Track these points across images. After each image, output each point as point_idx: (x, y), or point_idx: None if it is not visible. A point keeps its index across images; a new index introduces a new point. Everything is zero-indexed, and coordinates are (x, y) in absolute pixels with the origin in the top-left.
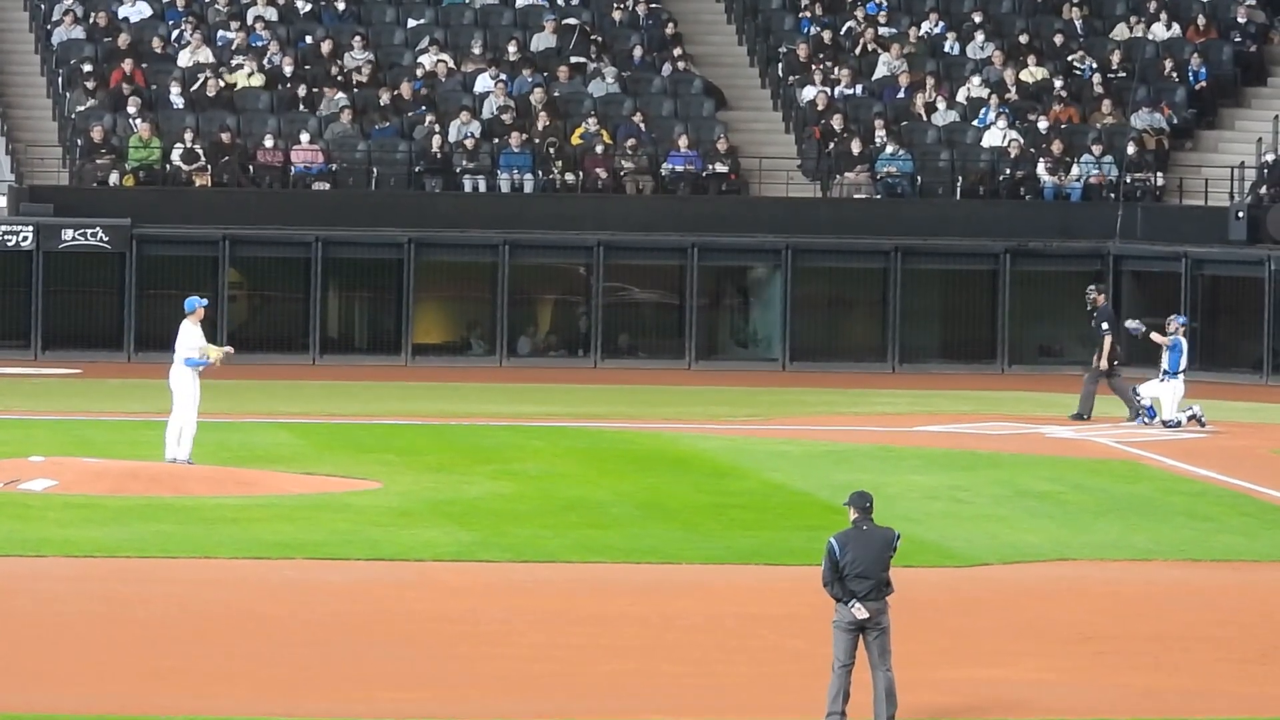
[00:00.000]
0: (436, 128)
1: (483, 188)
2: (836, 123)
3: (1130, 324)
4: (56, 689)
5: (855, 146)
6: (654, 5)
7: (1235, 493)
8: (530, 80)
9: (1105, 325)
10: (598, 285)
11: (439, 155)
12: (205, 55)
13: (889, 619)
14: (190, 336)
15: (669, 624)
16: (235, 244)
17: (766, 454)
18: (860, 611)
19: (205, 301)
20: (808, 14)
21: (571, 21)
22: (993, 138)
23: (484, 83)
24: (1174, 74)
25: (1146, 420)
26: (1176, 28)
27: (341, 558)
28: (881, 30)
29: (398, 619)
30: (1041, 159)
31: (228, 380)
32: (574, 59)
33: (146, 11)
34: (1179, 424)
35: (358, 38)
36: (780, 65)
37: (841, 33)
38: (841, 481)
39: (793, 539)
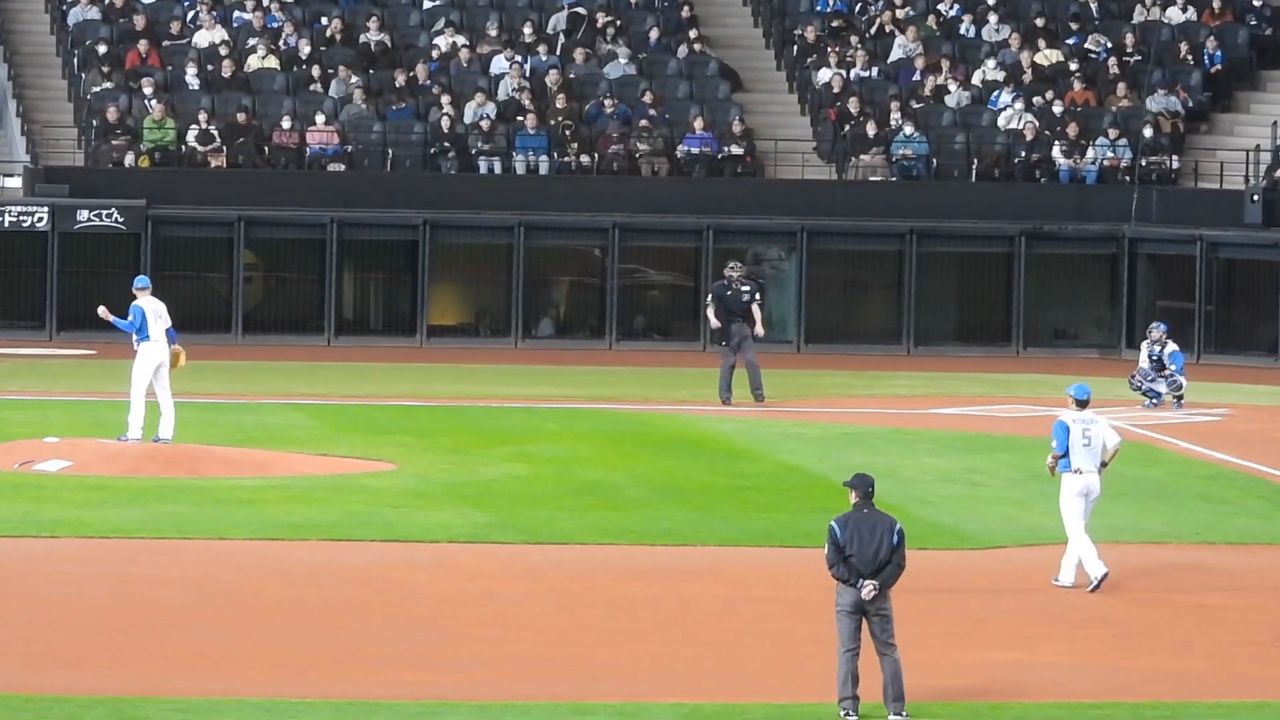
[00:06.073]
0: (452, 109)
1: (498, 169)
2: (852, 105)
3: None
4: (71, 670)
5: (870, 129)
6: None
7: (1250, 476)
8: (546, 62)
9: (759, 296)
10: (613, 267)
11: (454, 136)
12: (221, 36)
13: (891, 605)
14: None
15: (684, 606)
16: (250, 225)
17: (781, 436)
18: (869, 591)
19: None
20: None
21: (580, 11)
22: (1008, 120)
23: (499, 64)
24: (1189, 57)
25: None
26: (1192, 11)
27: (356, 539)
28: (897, 13)
29: (412, 601)
30: (1057, 142)
31: (243, 362)
32: (581, 48)
33: None
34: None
35: (373, 19)
36: (795, 47)
37: (857, 11)
38: (857, 464)
39: (808, 521)
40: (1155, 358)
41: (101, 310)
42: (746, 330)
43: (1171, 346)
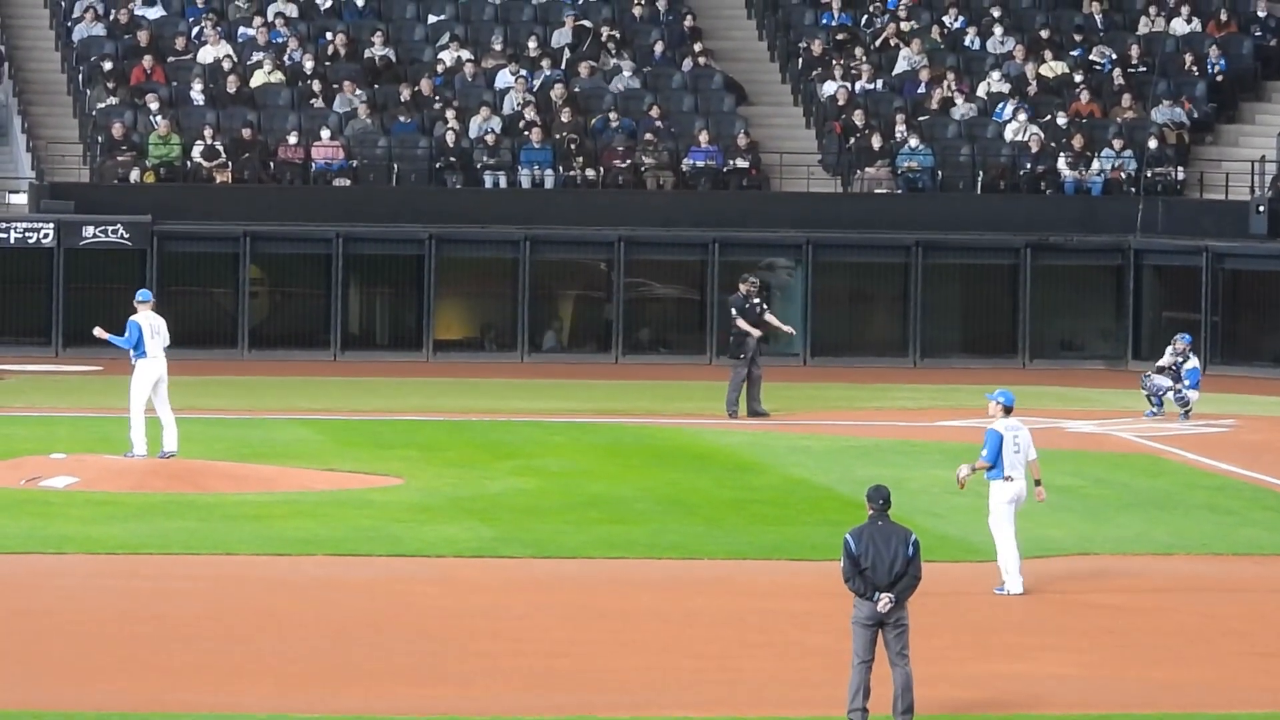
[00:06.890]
0: (457, 123)
1: (503, 183)
2: (857, 118)
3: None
4: (78, 686)
5: (876, 141)
6: (674, 1)
7: (1257, 486)
8: (551, 76)
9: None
10: (619, 281)
11: (459, 151)
12: (225, 52)
13: (908, 616)
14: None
15: (690, 619)
16: (256, 240)
17: (788, 449)
18: (885, 604)
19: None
20: (828, 9)
21: (586, 23)
22: (1013, 132)
23: (504, 78)
24: (1194, 68)
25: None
26: (1197, 22)
27: (363, 554)
28: (902, 25)
29: (419, 615)
30: (1062, 153)
31: (249, 377)
32: (587, 61)
33: (167, 8)
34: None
35: (378, 33)
36: (800, 60)
37: (862, 24)
38: (863, 476)
39: (814, 534)
40: (1175, 367)
41: (97, 331)
42: (756, 343)
43: (1192, 362)
